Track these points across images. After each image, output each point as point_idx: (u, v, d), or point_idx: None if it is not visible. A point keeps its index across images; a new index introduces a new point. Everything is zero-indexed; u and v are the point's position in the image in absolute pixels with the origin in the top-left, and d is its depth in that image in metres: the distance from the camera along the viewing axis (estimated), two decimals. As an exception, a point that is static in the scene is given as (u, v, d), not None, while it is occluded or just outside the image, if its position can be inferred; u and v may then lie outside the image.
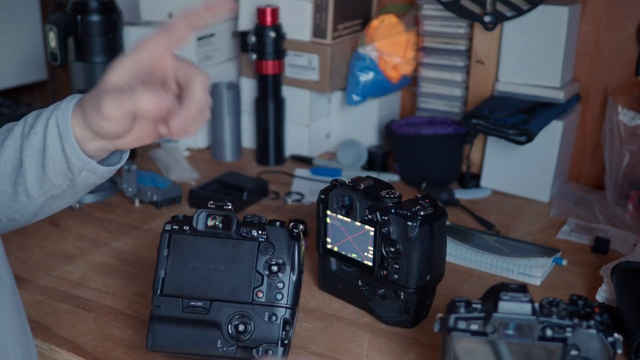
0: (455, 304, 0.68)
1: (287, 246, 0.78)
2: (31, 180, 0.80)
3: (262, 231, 0.78)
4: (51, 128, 0.78)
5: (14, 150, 0.80)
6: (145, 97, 0.71)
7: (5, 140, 0.81)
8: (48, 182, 0.80)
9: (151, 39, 0.77)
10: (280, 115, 1.39)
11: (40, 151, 0.79)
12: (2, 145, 0.81)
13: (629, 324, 0.82)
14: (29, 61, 1.85)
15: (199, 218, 0.79)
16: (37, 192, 0.80)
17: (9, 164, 0.80)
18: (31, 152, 0.79)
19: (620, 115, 1.19)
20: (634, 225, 1.13)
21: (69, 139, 0.77)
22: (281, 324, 0.76)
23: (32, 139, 0.79)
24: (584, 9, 1.25)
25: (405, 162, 1.31)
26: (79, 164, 0.78)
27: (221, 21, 1.47)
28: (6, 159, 0.80)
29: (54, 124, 0.78)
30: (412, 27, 1.36)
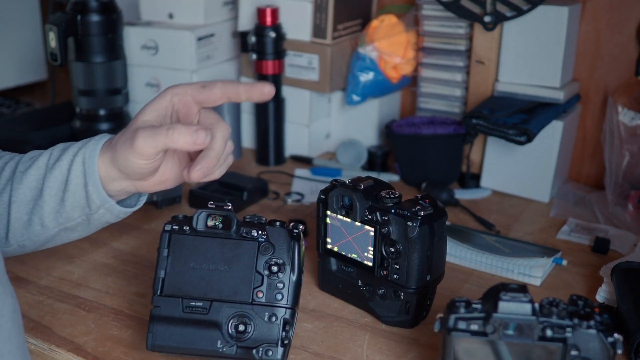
0: (455, 304, 0.68)
1: (287, 246, 0.78)
2: (48, 211, 0.82)
3: (262, 231, 0.78)
4: (77, 164, 0.80)
5: (36, 179, 0.82)
6: (180, 130, 0.72)
7: (29, 168, 0.83)
8: (64, 214, 0.82)
9: (186, 87, 0.78)
10: (280, 115, 1.39)
11: (62, 184, 0.81)
12: (25, 173, 0.83)
13: (629, 324, 0.82)
14: (29, 61, 1.85)
15: (199, 218, 0.79)
16: (52, 222, 0.83)
17: (28, 192, 0.82)
18: (53, 184, 0.81)
19: (620, 115, 1.19)
20: (634, 225, 1.13)
21: (93, 177, 0.79)
22: (281, 324, 0.76)
23: (56, 171, 0.81)
24: (584, 9, 1.25)
25: (405, 162, 1.31)
26: (98, 202, 0.80)
27: (222, 20, 1.47)
28: (27, 186, 0.83)
29: (80, 160, 0.80)
30: (412, 27, 1.36)
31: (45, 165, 0.83)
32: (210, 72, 1.45)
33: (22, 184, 0.82)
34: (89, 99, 1.36)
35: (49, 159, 0.83)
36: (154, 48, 1.43)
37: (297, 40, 1.36)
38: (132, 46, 1.44)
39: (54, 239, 0.85)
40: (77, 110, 1.39)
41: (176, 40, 1.41)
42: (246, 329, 0.76)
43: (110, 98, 1.37)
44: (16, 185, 0.83)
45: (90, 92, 1.35)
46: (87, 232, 0.86)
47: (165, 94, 0.78)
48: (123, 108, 1.40)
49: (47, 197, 0.81)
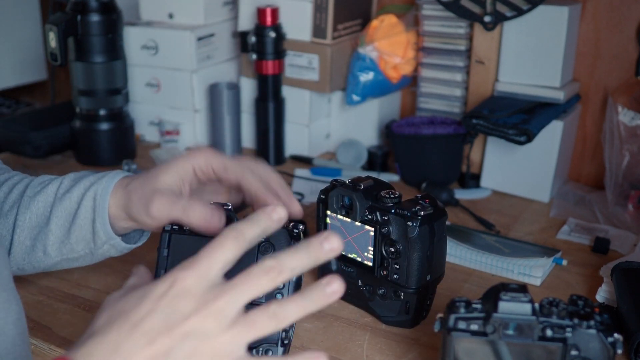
0: (455, 304, 0.68)
1: (287, 246, 0.78)
2: (53, 240, 0.83)
3: None
4: (87, 199, 0.81)
5: (44, 207, 0.83)
6: (196, 210, 0.73)
7: (38, 194, 0.84)
8: (69, 245, 0.83)
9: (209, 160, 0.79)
10: (280, 115, 1.39)
11: (71, 216, 0.82)
12: (33, 199, 0.83)
13: (629, 324, 0.82)
14: (29, 61, 1.85)
15: None
16: (55, 252, 0.83)
17: (34, 219, 0.83)
18: (61, 214, 0.82)
19: (620, 115, 1.19)
20: (634, 225, 1.13)
21: (102, 215, 0.80)
22: None
23: (65, 202, 0.82)
24: (584, 9, 1.25)
25: (405, 162, 1.31)
26: (104, 238, 0.81)
27: (222, 21, 1.47)
28: (33, 213, 0.83)
29: (92, 195, 0.81)
30: (412, 27, 1.36)
31: (54, 194, 0.83)
32: (210, 72, 1.45)
33: (29, 209, 0.83)
34: (89, 99, 1.36)
35: (59, 188, 0.84)
36: (154, 48, 1.43)
37: (297, 40, 1.37)
38: (132, 46, 1.44)
39: (54, 267, 0.86)
40: (77, 110, 1.39)
41: (176, 40, 1.41)
42: None
43: (110, 98, 1.37)
44: (23, 210, 0.83)
45: (90, 92, 1.35)
46: (88, 263, 0.87)
47: (188, 160, 0.79)
48: (123, 108, 1.40)
49: (53, 226, 0.82)
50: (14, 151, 1.44)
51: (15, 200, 0.84)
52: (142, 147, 1.48)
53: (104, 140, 1.38)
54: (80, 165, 1.39)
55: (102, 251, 0.84)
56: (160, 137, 1.47)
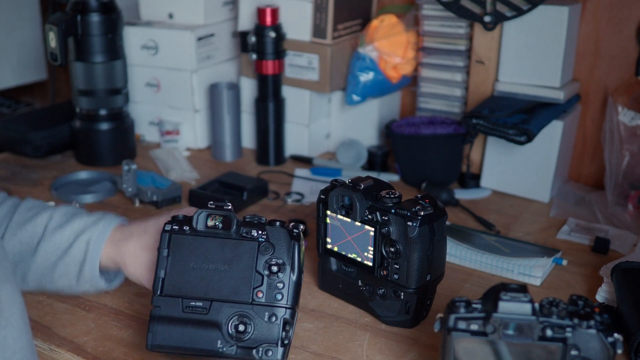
0: (455, 304, 0.68)
1: (287, 246, 0.78)
2: (34, 271, 0.84)
3: (262, 231, 0.78)
4: (80, 242, 0.84)
5: (31, 237, 0.84)
6: None
7: (26, 223, 0.85)
8: (49, 278, 0.85)
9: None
10: (280, 115, 1.39)
11: (60, 252, 0.84)
12: (21, 227, 0.85)
13: (629, 324, 0.82)
14: (29, 61, 1.85)
15: (199, 218, 0.79)
16: (34, 281, 0.85)
17: (18, 246, 0.84)
18: (50, 248, 0.84)
19: (620, 115, 1.19)
20: (634, 225, 1.13)
21: (93, 261, 0.83)
22: (281, 324, 0.76)
23: (56, 238, 0.84)
24: (584, 9, 1.25)
25: (405, 162, 1.31)
26: (89, 279, 0.84)
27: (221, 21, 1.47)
28: (19, 240, 0.84)
29: (85, 240, 0.84)
30: (412, 27, 1.36)
31: (44, 226, 0.85)
32: (210, 72, 1.45)
33: (15, 236, 0.84)
34: (89, 99, 1.36)
35: (49, 221, 0.85)
36: (154, 48, 1.43)
37: (297, 40, 1.36)
38: (132, 46, 1.44)
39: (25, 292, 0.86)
40: (77, 110, 1.39)
41: (176, 40, 1.41)
42: (246, 329, 0.76)
43: (110, 98, 1.37)
44: (8, 235, 0.84)
45: (90, 92, 1.35)
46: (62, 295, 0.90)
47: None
48: (123, 108, 1.40)
49: (38, 258, 0.84)
50: (14, 151, 1.44)
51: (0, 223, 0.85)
52: (142, 147, 1.48)
53: (104, 140, 1.38)
54: (80, 165, 1.39)
55: (81, 289, 0.86)
56: (160, 137, 1.47)
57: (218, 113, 1.41)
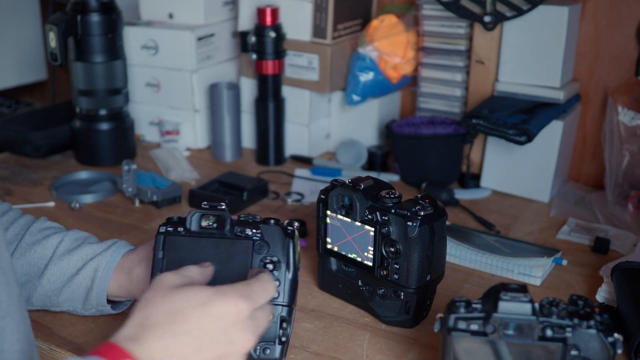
0: (455, 304, 0.68)
1: (281, 244, 0.77)
2: (40, 292, 0.85)
3: (256, 230, 0.77)
4: (88, 269, 0.83)
5: (39, 259, 0.84)
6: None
7: (36, 245, 0.85)
8: (54, 301, 0.85)
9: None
10: (280, 115, 1.39)
11: (67, 277, 0.84)
12: (30, 248, 0.85)
13: (629, 324, 0.82)
14: (29, 61, 1.85)
15: (192, 219, 0.78)
16: (39, 302, 0.85)
17: (26, 267, 0.84)
18: (57, 272, 0.84)
19: (620, 115, 1.19)
20: (634, 225, 1.13)
21: (101, 289, 0.83)
22: (278, 322, 0.76)
23: (64, 263, 0.84)
24: (584, 9, 1.25)
25: (405, 162, 1.31)
26: (95, 305, 0.84)
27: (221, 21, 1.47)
28: (27, 261, 0.85)
29: (93, 267, 0.84)
30: (412, 27, 1.36)
31: (53, 250, 0.85)
32: (210, 72, 1.45)
33: (23, 256, 0.85)
34: (89, 99, 1.36)
35: (59, 245, 0.85)
36: (154, 48, 1.43)
37: (297, 40, 1.36)
38: (132, 46, 1.44)
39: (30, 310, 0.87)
40: (77, 110, 1.39)
41: (176, 40, 1.41)
42: None
43: (110, 98, 1.37)
44: (17, 255, 0.84)
45: (90, 92, 1.35)
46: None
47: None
48: (123, 108, 1.40)
49: (45, 281, 0.84)
50: (14, 151, 1.44)
51: (10, 241, 0.85)
52: (142, 147, 1.48)
53: (104, 140, 1.38)
54: (80, 165, 1.39)
55: (87, 313, 0.86)
56: (160, 137, 1.47)
57: (218, 113, 1.41)
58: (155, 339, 0.57)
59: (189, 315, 0.60)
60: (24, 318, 0.68)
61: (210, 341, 0.60)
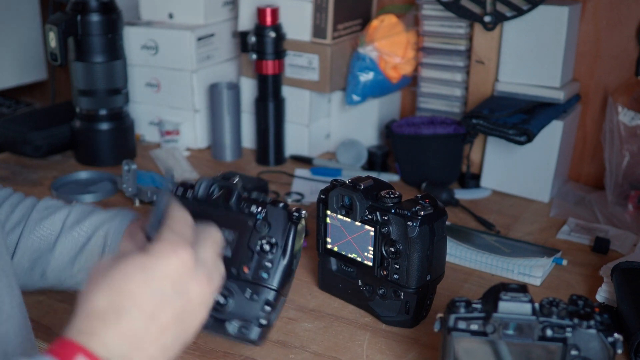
0: (455, 304, 0.68)
1: (283, 227, 0.74)
2: (53, 266, 0.84)
3: (263, 208, 0.75)
4: (98, 237, 0.83)
5: (50, 233, 0.84)
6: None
7: (44, 219, 0.85)
8: (69, 273, 0.84)
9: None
10: (280, 115, 1.39)
11: (78, 247, 0.83)
12: (39, 224, 0.84)
13: (629, 324, 0.82)
14: (29, 61, 1.85)
15: (201, 186, 0.76)
16: (54, 277, 0.84)
17: (37, 243, 0.84)
18: (69, 244, 0.84)
19: (620, 115, 1.19)
20: (634, 225, 1.13)
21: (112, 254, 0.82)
22: (262, 304, 0.73)
23: (74, 233, 0.84)
24: (584, 9, 1.25)
25: (405, 162, 1.31)
26: None
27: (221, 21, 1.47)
28: (37, 237, 0.84)
29: (103, 234, 0.83)
30: (412, 27, 1.36)
31: (62, 222, 0.85)
32: (210, 72, 1.45)
33: (33, 233, 0.84)
34: (89, 99, 1.36)
35: (67, 218, 0.85)
36: (154, 48, 1.43)
37: (297, 40, 1.36)
38: (132, 46, 1.44)
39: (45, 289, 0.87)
40: (77, 110, 1.39)
41: (176, 40, 1.41)
42: (226, 302, 0.73)
43: (110, 98, 1.37)
44: (27, 233, 0.84)
45: (90, 92, 1.35)
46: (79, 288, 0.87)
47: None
48: (123, 108, 1.40)
49: (57, 254, 0.84)
50: (14, 151, 1.44)
51: (18, 221, 0.85)
52: (142, 147, 1.48)
53: (104, 140, 1.38)
54: (80, 165, 1.39)
55: None
56: (160, 137, 1.47)
57: (218, 113, 1.41)
58: (106, 326, 0.54)
59: (132, 288, 0.56)
60: (25, 321, 0.68)
61: (162, 304, 0.56)
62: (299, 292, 0.96)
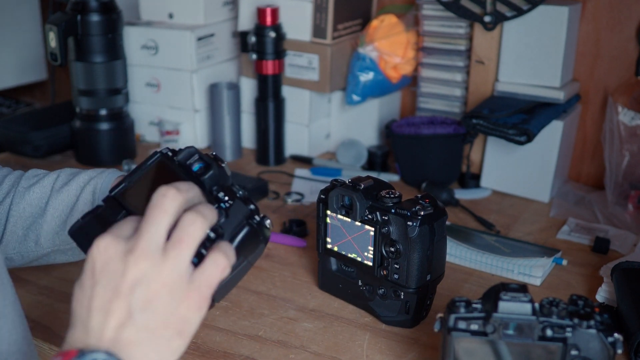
0: (455, 304, 0.68)
1: (236, 224, 0.68)
2: (47, 230, 0.83)
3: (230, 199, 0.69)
4: (86, 193, 0.83)
5: (39, 198, 0.84)
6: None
7: (33, 186, 0.85)
8: (63, 237, 0.83)
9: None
10: (280, 115, 1.39)
11: (68, 208, 0.83)
12: (28, 190, 0.84)
13: (629, 324, 0.82)
14: (29, 61, 1.85)
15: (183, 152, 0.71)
16: (48, 242, 0.84)
17: (28, 209, 0.84)
18: (58, 206, 0.83)
19: (620, 115, 1.19)
20: (634, 225, 1.13)
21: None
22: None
23: (63, 195, 0.83)
24: (584, 9, 1.25)
25: (405, 162, 1.31)
26: None
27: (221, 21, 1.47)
28: (28, 203, 0.84)
29: (91, 189, 0.83)
30: (412, 27, 1.36)
31: (51, 186, 0.85)
32: (210, 72, 1.45)
33: (23, 199, 0.84)
34: (89, 99, 1.36)
35: (56, 181, 0.85)
36: (154, 48, 1.43)
37: (297, 40, 1.36)
38: (132, 46, 1.44)
39: (43, 259, 0.86)
40: (77, 110, 1.39)
41: (176, 40, 1.41)
42: None
43: (110, 98, 1.37)
44: (17, 200, 0.84)
45: (90, 92, 1.35)
46: (77, 258, 0.87)
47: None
48: (123, 108, 1.40)
49: (49, 217, 0.83)
50: (14, 151, 1.44)
51: (7, 191, 0.85)
52: (142, 147, 1.48)
53: (104, 140, 1.38)
54: (81, 165, 1.39)
55: None
56: (160, 137, 1.47)
57: (218, 113, 1.41)
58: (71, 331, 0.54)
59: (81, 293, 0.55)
60: (20, 319, 0.68)
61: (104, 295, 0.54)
62: (299, 292, 0.96)
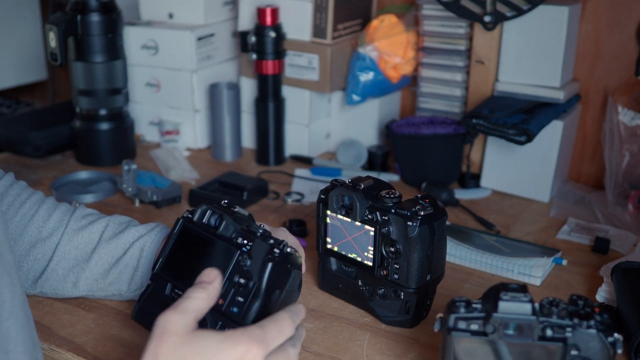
0: (455, 304, 0.68)
1: (261, 263, 0.73)
2: (87, 276, 0.87)
3: (249, 241, 0.75)
4: (135, 249, 0.87)
5: (87, 243, 0.87)
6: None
7: (83, 230, 0.88)
8: (102, 285, 0.87)
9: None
10: (280, 115, 1.39)
11: (114, 260, 0.87)
12: (78, 233, 0.88)
13: (629, 324, 0.82)
14: (29, 61, 1.85)
15: (198, 212, 0.80)
16: (86, 287, 0.88)
17: (74, 252, 0.87)
18: (105, 256, 0.87)
19: (620, 115, 1.19)
20: (634, 225, 1.13)
21: (147, 267, 0.86)
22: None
23: (111, 246, 0.87)
24: (584, 9, 1.25)
25: (405, 162, 1.31)
26: (140, 286, 0.86)
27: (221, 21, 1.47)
28: (75, 246, 0.87)
29: (139, 247, 0.87)
30: (412, 27, 1.36)
31: (99, 234, 0.88)
32: (210, 72, 1.45)
33: (71, 242, 0.87)
34: (89, 99, 1.36)
35: (105, 230, 0.88)
36: (154, 48, 1.43)
37: (297, 40, 1.36)
38: (132, 46, 1.44)
39: (73, 297, 0.90)
40: (77, 110, 1.39)
41: (176, 40, 1.41)
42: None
43: (110, 98, 1.37)
44: (65, 241, 0.87)
45: (90, 92, 1.35)
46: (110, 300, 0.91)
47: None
48: (123, 108, 1.40)
49: (92, 264, 0.87)
50: (14, 151, 1.44)
51: (55, 228, 0.88)
52: (142, 147, 1.48)
53: (104, 140, 1.38)
54: (80, 165, 1.39)
55: (131, 295, 0.88)
56: (160, 137, 1.47)
57: (218, 113, 1.41)
58: None
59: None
60: (28, 319, 0.69)
61: None
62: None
